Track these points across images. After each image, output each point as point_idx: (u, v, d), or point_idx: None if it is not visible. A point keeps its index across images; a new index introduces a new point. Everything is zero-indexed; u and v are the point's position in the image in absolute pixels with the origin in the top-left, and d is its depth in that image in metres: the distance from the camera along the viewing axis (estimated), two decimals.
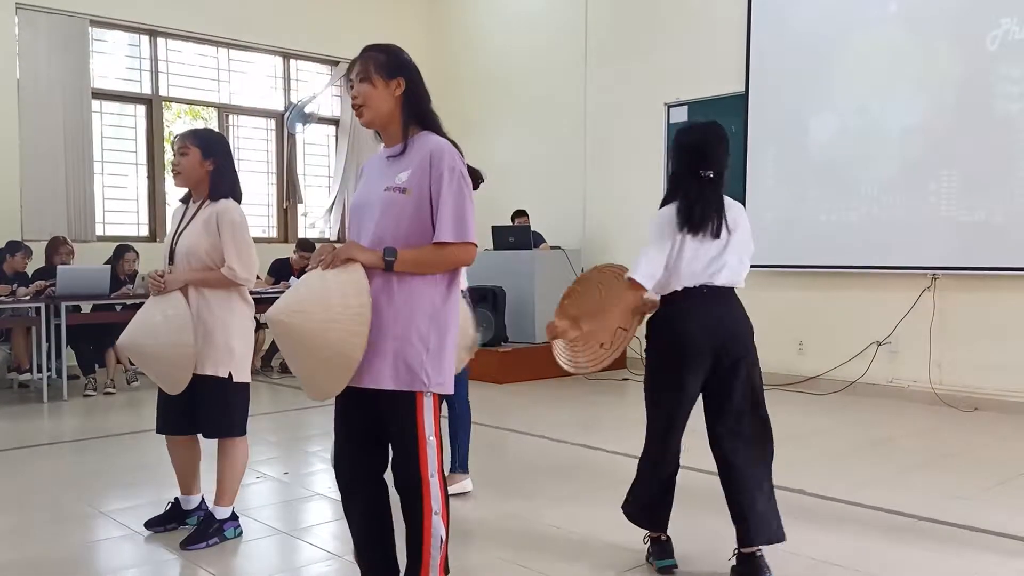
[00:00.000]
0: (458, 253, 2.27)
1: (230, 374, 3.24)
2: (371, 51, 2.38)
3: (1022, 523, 3.51)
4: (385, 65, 2.35)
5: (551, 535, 3.45)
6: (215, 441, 3.36)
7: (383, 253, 2.24)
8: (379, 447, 2.42)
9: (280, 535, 3.50)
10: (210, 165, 3.26)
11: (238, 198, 3.32)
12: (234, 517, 3.41)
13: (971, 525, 3.50)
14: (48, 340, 6.64)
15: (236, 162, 3.54)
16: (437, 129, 2.38)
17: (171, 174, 3.34)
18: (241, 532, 3.42)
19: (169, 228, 3.40)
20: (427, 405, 2.31)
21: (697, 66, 7.75)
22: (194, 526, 3.41)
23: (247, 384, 3.33)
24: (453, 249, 2.26)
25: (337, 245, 2.33)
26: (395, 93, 2.34)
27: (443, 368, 2.32)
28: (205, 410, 3.26)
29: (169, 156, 3.32)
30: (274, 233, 9.50)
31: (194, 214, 3.28)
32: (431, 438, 2.31)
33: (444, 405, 4.02)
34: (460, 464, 4.02)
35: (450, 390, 2.37)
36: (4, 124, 7.62)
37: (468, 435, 4.05)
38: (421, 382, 2.28)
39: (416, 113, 2.36)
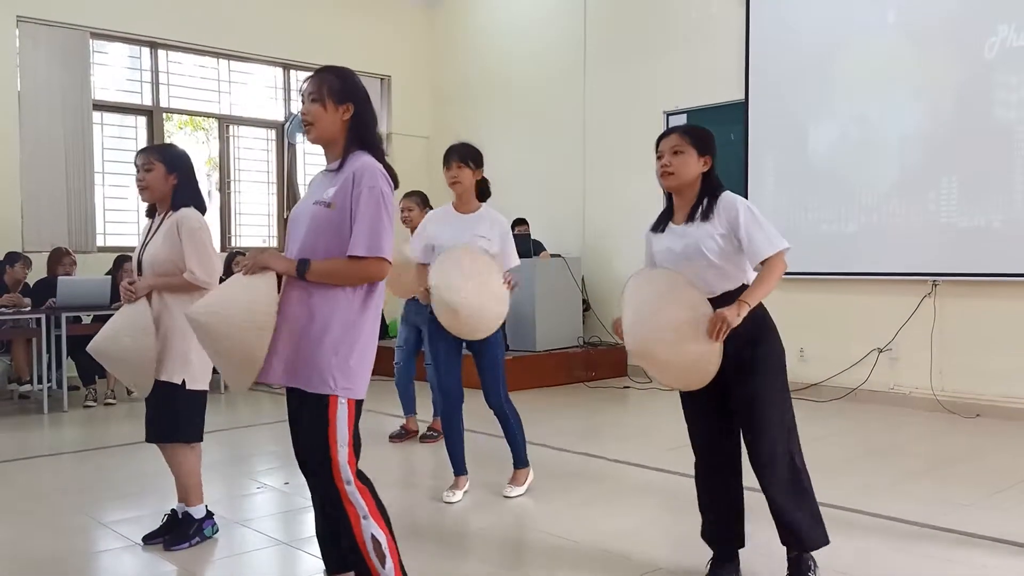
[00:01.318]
0: (369, 267, 2.37)
1: (184, 381, 3.29)
2: (326, 73, 2.48)
3: None
4: (338, 90, 2.45)
5: (552, 544, 3.44)
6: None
7: (296, 263, 2.36)
8: (304, 450, 2.49)
9: (281, 546, 3.50)
10: (174, 180, 3.37)
11: (201, 208, 3.41)
12: (209, 515, 3.48)
13: (974, 532, 3.48)
14: (49, 351, 6.64)
15: (240, 171, 3.61)
16: (376, 151, 2.48)
17: (138, 190, 3.41)
18: (218, 529, 3.50)
19: (138, 242, 3.49)
20: (340, 412, 2.38)
21: (696, 74, 7.77)
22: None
23: (203, 392, 3.38)
24: (364, 264, 2.36)
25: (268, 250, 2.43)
26: (343, 117, 2.45)
27: (352, 375, 2.40)
28: (154, 414, 3.33)
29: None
30: (274, 243, 9.51)
31: (158, 226, 3.37)
32: (343, 447, 2.37)
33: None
34: (521, 462, 4.13)
35: (358, 395, 2.42)
36: (5, 136, 7.64)
37: (519, 434, 4.10)
38: (328, 385, 2.36)
39: (359, 137, 2.47)
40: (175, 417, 3.32)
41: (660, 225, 2.92)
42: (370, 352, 2.46)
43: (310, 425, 2.40)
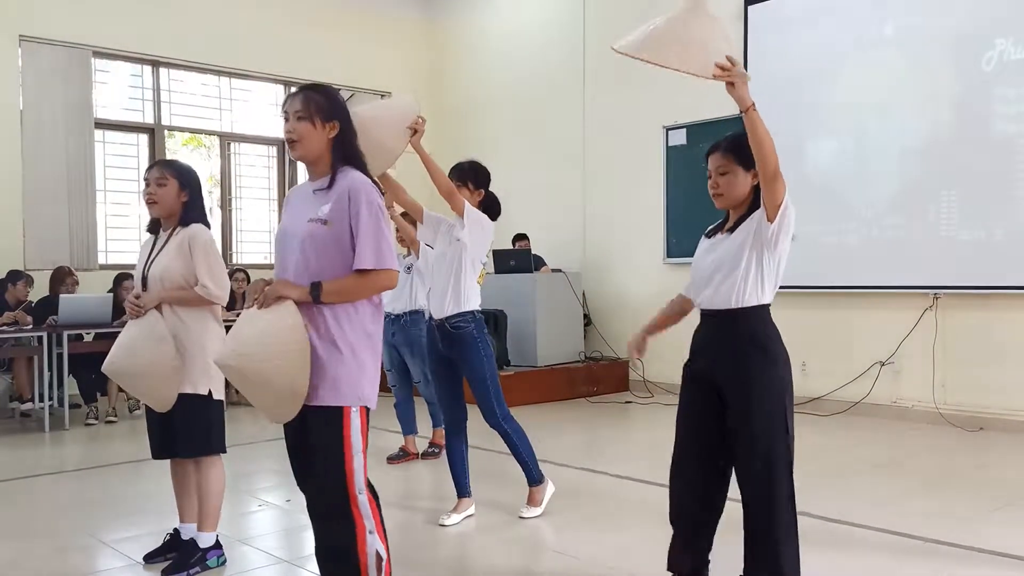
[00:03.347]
0: (379, 279, 2.40)
1: (210, 391, 3.28)
2: (310, 91, 2.51)
3: None
4: (324, 108, 2.48)
5: (554, 560, 3.43)
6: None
7: (309, 288, 2.36)
8: (315, 462, 2.48)
9: (282, 564, 3.48)
10: (185, 196, 3.37)
11: (207, 226, 3.42)
12: (218, 545, 3.40)
13: (977, 546, 3.47)
14: (50, 369, 6.64)
15: (241, 188, 3.60)
16: (360, 166, 2.51)
17: (146, 203, 3.39)
18: (225, 560, 3.40)
19: (139, 257, 3.47)
20: (355, 420, 2.39)
21: (695, 89, 7.73)
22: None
23: (222, 402, 3.37)
24: (374, 276, 2.39)
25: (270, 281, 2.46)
26: (329, 135, 2.48)
27: (366, 384, 2.43)
28: (184, 429, 3.28)
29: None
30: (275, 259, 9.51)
31: (166, 241, 3.36)
32: (359, 454, 2.39)
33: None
34: (533, 479, 4.05)
35: (372, 403, 2.45)
36: (7, 154, 7.66)
37: (524, 451, 4.01)
38: (345, 396, 2.38)
39: (345, 153, 2.50)
40: (208, 429, 3.30)
41: (713, 232, 2.85)
42: (379, 360, 2.49)
43: (323, 439, 2.38)
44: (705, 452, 2.81)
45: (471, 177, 4.00)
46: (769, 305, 2.75)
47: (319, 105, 2.47)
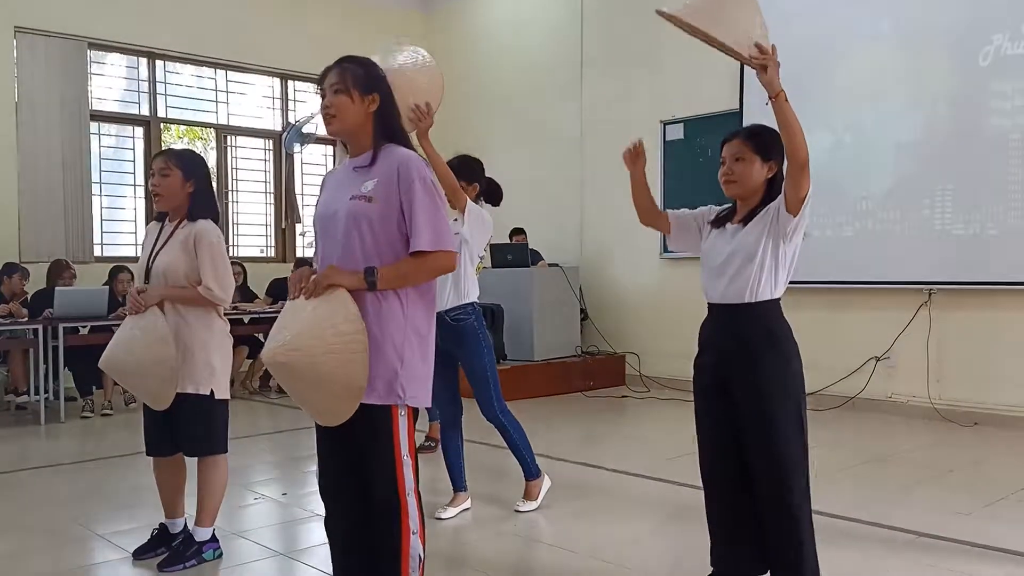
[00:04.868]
0: (437, 261, 2.28)
1: (212, 391, 3.24)
2: (348, 63, 2.37)
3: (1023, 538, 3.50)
4: (363, 80, 2.34)
5: (550, 554, 3.44)
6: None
7: (364, 274, 2.22)
8: (362, 463, 2.39)
9: (278, 557, 3.48)
10: (191, 187, 3.27)
11: (216, 219, 3.34)
12: (214, 539, 3.38)
13: (972, 541, 3.48)
14: (46, 362, 6.62)
15: (238, 182, 3.55)
16: (406, 143, 2.40)
17: (152, 196, 3.31)
18: (221, 553, 3.39)
19: (144, 247, 3.38)
20: (402, 421, 2.30)
21: (692, 84, 7.79)
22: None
23: (227, 401, 3.33)
24: (432, 257, 2.26)
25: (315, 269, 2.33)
26: (369, 108, 2.34)
27: (419, 380, 2.32)
28: (187, 429, 3.25)
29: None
30: (272, 252, 9.51)
31: (171, 234, 3.27)
32: (406, 456, 2.30)
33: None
34: (530, 473, 4.03)
35: (426, 403, 2.36)
36: (2, 146, 7.64)
37: (521, 444, 3.99)
38: (396, 395, 2.27)
39: (387, 128, 2.37)
40: (211, 428, 3.26)
41: (721, 222, 2.77)
42: (430, 357, 2.36)
43: (371, 440, 2.28)
44: (734, 467, 2.71)
45: (463, 174, 3.97)
46: (780, 299, 2.72)
47: (356, 77, 2.31)
